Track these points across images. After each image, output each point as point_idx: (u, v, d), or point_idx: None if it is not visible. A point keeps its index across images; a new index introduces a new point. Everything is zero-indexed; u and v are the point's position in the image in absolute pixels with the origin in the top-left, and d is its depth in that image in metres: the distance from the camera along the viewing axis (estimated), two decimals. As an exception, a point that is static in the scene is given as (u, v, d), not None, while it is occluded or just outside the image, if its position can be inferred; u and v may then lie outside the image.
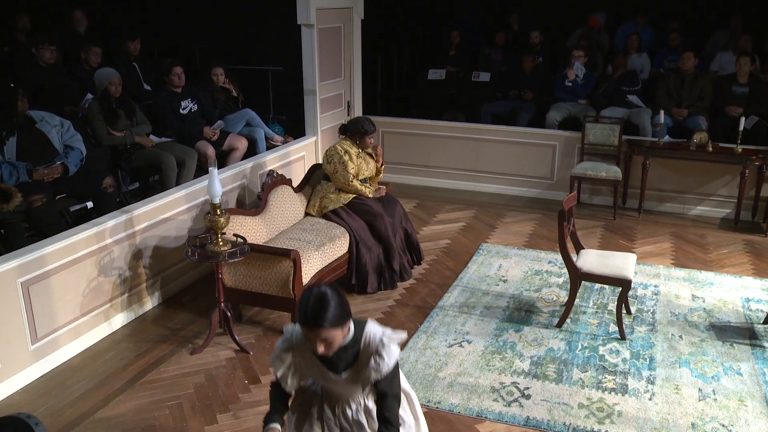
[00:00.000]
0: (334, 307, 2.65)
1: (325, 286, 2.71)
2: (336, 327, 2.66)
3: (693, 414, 4.14)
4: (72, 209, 5.86)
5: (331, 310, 2.63)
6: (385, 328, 2.90)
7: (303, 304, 2.65)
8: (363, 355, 2.83)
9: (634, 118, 8.19)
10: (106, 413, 4.19)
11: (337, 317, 2.65)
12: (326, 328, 2.63)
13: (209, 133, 7.08)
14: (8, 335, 4.38)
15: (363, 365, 2.83)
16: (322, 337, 2.64)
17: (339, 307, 2.67)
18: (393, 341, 2.86)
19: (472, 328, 5.17)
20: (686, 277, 6.09)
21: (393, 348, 2.84)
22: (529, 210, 8.01)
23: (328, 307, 2.63)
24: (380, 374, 2.80)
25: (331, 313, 2.63)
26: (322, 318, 2.61)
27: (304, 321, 2.65)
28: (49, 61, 6.91)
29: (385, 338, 2.83)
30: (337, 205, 5.87)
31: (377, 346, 2.81)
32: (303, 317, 2.65)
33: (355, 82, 8.44)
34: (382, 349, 2.81)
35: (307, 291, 2.70)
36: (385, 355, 2.80)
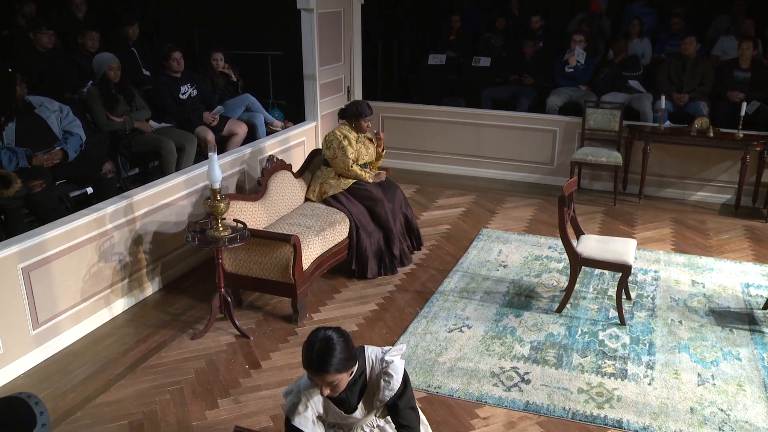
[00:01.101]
0: (340, 352, 2.67)
1: (332, 330, 2.73)
2: (342, 372, 2.70)
3: (692, 399, 4.15)
4: (72, 195, 5.86)
5: (337, 355, 2.66)
6: (384, 348, 2.95)
7: (309, 349, 2.68)
8: (371, 381, 2.89)
9: (635, 104, 8.17)
10: (107, 398, 4.21)
11: (343, 362, 2.69)
12: (332, 373, 2.67)
13: (209, 118, 7.06)
14: (9, 320, 4.39)
15: (374, 390, 2.89)
16: (327, 381, 2.69)
17: (345, 351, 2.70)
18: (395, 356, 2.90)
19: (472, 313, 5.18)
20: (686, 263, 6.09)
21: (397, 363, 2.88)
22: (529, 195, 8.00)
23: (334, 352, 2.66)
24: (393, 391, 2.85)
25: (337, 359, 2.66)
26: (327, 364, 2.65)
27: (309, 366, 2.68)
28: (47, 46, 6.88)
29: (387, 356, 2.88)
30: (337, 191, 5.87)
31: (381, 367, 2.86)
32: (308, 362, 2.68)
33: (355, 67, 8.40)
34: (387, 367, 2.86)
35: (313, 335, 2.72)
36: (392, 371, 2.85)
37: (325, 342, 2.67)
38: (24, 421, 1.26)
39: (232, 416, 4.01)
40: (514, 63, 9.28)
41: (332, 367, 2.66)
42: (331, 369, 2.66)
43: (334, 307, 5.34)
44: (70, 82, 6.91)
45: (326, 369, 2.65)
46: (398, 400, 2.89)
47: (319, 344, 2.67)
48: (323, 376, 2.68)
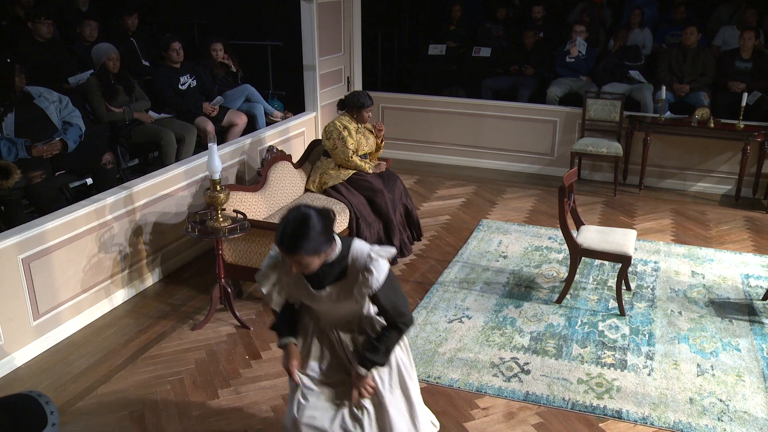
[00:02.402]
0: (316, 234, 2.54)
1: (311, 209, 2.58)
2: (313, 255, 2.57)
3: (691, 389, 4.16)
4: (71, 185, 5.86)
5: (311, 238, 2.53)
6: (373, 245, 2.84)
7: (282, 224, 2.54)
8: (351, 271, 2.76)
9: (636, 94, 8.16)
10: (108, 388, 4.22)
11: (317, 246, 2.56)
12: (301, 255, 2.54)
13: (208, 108, 7.04)
14: (10, 311, 4.39)
15: (352, 281, 2.76)
16: (297, 260, 2.56)
17: (321, 234, 2.56)
18: (381, 255, 2.79)
19: (472, 304, 5.19)
20: (686, 254, 6.09)
21: (382, 262, 2.76)
22: (529, 186, 8.00)
23: (309, 233, 2.53)
24: (371, 288, 2.73)
25: (311, 242, 2.53)
26: (298, 246, 2.52)
27: (280, 243, 2.55)
28: (46, 36, 6.85)
29: (372, 253, 2.76)
30: (337, 181, 5.86)
31: (365, 261, 2.74)
32: (279, 239, 2.55)
33: (355, 58, 8.38)
34: (370, 263, 2.73)
35: (291, 210, 2.58)
36: (373, 269, 2.72)
37: (300, 221, 2.53)
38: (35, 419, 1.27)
39: (232, 406, 4.02)
40: (515, 53, 9.26)
41: (303, 250, 2.53)
42: (301, 251, 2.53)
43: (334, 298, 5.34)
44: (68, 72, 6.89)
45: (296, 250, 2.53)
46: (386, 301, 2.79)
47: (293, 223, 2.54)
48: (293, 257, 2.56)
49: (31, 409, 1.29)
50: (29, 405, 1.30)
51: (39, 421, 1.27)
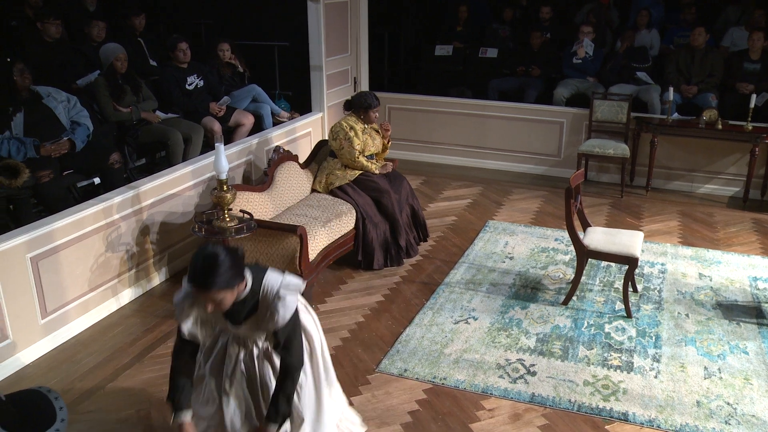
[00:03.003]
0: (225, 270, 2.62)
1: (219, 247, 2.67)
2: (225, 289, 2.64)
3: (698, 392, 4.15)
4: (79, 185, 5.88)
5: (221, 273, 2.60)
6: (285, 275, 2.89)
7: (192, 264, 2.62)
8: (261, 306, 2.84)
9: (643, 95, 8.14)
10: (115, 386, 4.24)
11: (227, 280, 2.63)
12: (214, 290, 2.61)
13: (215, 109, 7.06)
14: (19, 310, 4.41)
15: (262, 316, 2.85)
16: (211, 298, 2.64)
17: (230, 269, 2.63)
18: (290, 292, 2.85)
19: (478, 305, 5.18)
20: (693, 256, 6.07)
21: (289, 300, 2.83)
22: (535, 187, 7.99)
23: (218, 269, 2.60)
24: (277, 326, 2.82)
25: (221, 277, 2.60)
26: (210, 282, 2.59)
27: (192, 281, 2.62)
28: (55, 36, 6.87)
29: (281, 290, 2.83)
30: (344, 182, 5.87)
31: (273, 299, 2.81)
32: (191, 278, 2.62)
33: (361, 58, 8.38)
34: (278, 302, 2.81)
35: (200, 249, 2.66)
36: (280, 307, 2.80)
37: (209, 258, 2.61)
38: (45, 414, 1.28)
39: (238, 406, 4.03)
40: (522, 54, 9.24)
41: (215, 285, 2.60)
42: (213, 287, 2.60)
43: (340, 298, 5.35)
44: (76, 72, 6.91)
45: (208, 287, 2.61)
46: (281, 333, 2.86)
47: (202, 260, 2.61)
48: (207, 294, 2.63)
49: (42, 405, 1.31)
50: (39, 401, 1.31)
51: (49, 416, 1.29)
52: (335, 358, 4.54)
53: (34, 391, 1.33)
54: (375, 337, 4.80)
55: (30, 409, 1.27)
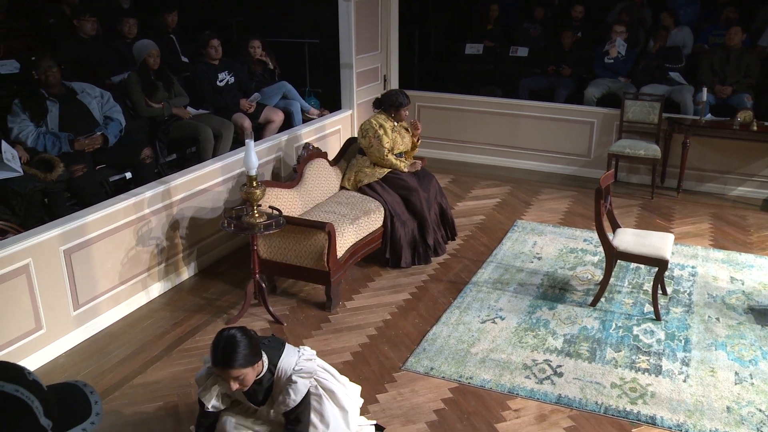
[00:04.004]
0: (244, 348, 2.92)
1: (235, 329, 2.98)
2: (246, 366, 2.94)
3: (728, 397, 4.09)
4: (111, 179, 5.96)
5: (241, 352, 2.91)
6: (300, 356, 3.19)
7: (214, 347, 2.94)
8: (276, 388, 3.16)
9: (676, 96, 8.03)
10: (144, 379, 4.29)
11: (247, 357, 2.94)
12: (236, 368, 2.91)
13: (246, 105, 7.11)
14: (52, 301, 4.49)
15: (275, 397, 3.16)
16: (233, 376, 2.93)
17: (248, 347, 2.94)
18: (302, 377, 3.14)
19: (505, 305, 5.16)
20: (725, 259, 5.98)
21: (301, 385, 3.13)
22: (565, 187, 7.93)
23: (237, 348, 2.91)
24: (287, 407, 3.13)
25: (241, 355, 2.91)
26: (232, 360, 2.90)
27: (215, 363, 2.94)
28: (90, 33, 6.98)
29: (294, 375, 3.13)
30: (372, 179, 5.88)
31: (285, 384, 3.13)
32: (214, 359, 2.94)
33: (391, 56, 8.39)
34: (289, 386, 3.12)
35: (218, 335, 2.97)
36: (292, 392, 3.11)
37: (228, 339, 2.92)
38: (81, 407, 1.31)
39: (265, 401, 4.06)
40: (553, 53, 9.18)
41: (236, 363, 2.90)
42: (235, 364, 2.90)
43: (368, 296, 5.37)
44: (110, 69, 7.01)
45: (231, 364, 2.90)
46: (290, 414, 3.15)
47: (223, 342, 2.92)
48: (229, 372, 2.91)
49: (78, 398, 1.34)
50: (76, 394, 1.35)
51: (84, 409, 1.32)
52: (361, 355, 4.56)
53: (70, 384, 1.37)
54: (402, 335, 4.81)
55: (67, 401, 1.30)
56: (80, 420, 1.29)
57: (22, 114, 5.46)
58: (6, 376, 1.20)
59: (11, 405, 1.17)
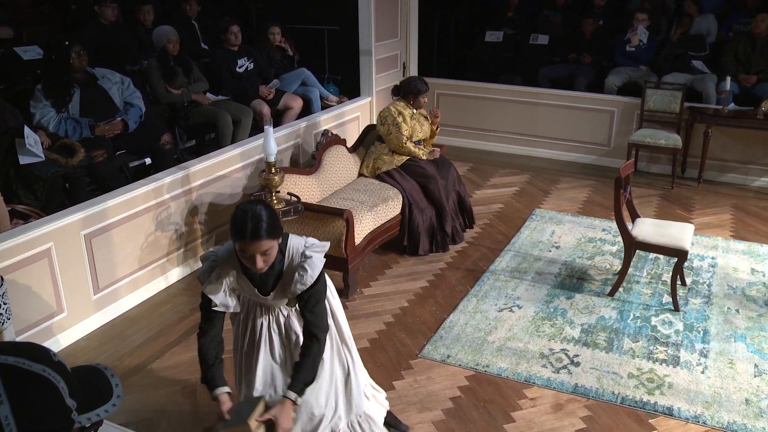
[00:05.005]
0: (271, 218, 2.66)
1: (254, 202, 2.72)
2: (273, 237, 2.67)
3: (747, 390, 4.06)
4: (131, 165, 6.00)
5: (267, 221, 2.64)
6: (307, 238, 2.92)
7: (239, 218, 2.64)
8: (288, 269, 2.85)
9: (698, 85, 7.93)
10: (162, 363, 4.34)
11: (274, 228, 2.67)
12: (266, 239, 2.63)
13: (265, 92, 7.12)
14: (73, 285, 4.55)
15: (288, 280, 2.85)
16: (262, 249, 2.64)
17: (273, 218, 2.68)
18: (316, 251, 2.86)
19: (522, 294, 5.16)
20: (746, 250, 5.93)
21: (315, 259, 2.84)
22: (584, 176, 7.88)
23: (264, 217, 2.63)
24: (305, 285, 2.82)
25: (268, 224, 2.64)
26: (260, 228, 2.61)
27: (242, 234, 2.62)
28: (111, 19, 7.02)
29: (307, 251, 2.84)
30: (391, 167, 5.87)
31: (300, 261, 2.83)
32: (240, 231, 2.63)
33: (411, 43, 8.36)
34: (305, 261, 2.82)
35: (238, 209, 2.69)
36: (308, 267, 2.81)
37: (254, 210, 2.64)
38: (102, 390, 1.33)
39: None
40: (573, 41, 9.09)
41: (265, 232, 2.62)
42: (264, 234, 2.62)
43: (385, 283, 5.38)
44: (130, 54, 7.05)
45: (260, 234, 2.61)
46: (307, 294, 2.85)
47: (249, 212, 2.63)
48: (258, 243, 2.63)
49: (100, 381, 1.36)
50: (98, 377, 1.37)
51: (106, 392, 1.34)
52: (378, 342, 4.57)
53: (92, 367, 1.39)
54: (419, 322, 4.82)
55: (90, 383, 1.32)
56: (102, 402, 1.31)
57: (44, 100, 5.50)
58: (33, 357, 1.22)
59: (39, 385, 1.19)
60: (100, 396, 1.32)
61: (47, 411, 1.19)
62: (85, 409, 1.27)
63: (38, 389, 1.19)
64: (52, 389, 1.20)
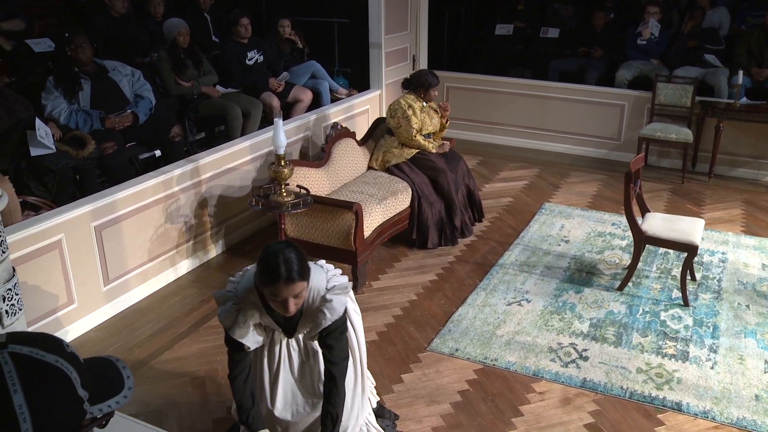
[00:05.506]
0: (300, 260, 2.59)
1: (281, 244, 2.65)
2: (305, 279, 2.61)
3: (757, 386, 4.05)
4: (141, 157, 6.01)
5: (299, 263, 2.58)
6: (328, 273, 2.88)
7: (271, 263, 2.56)
8: (307, 311, 2.81)
9: (710, 79, 7.87)
10: (171, 355, 4.36)
11: (305, 269, 2.61)
12: (299, 281, 2.57)
13: (274, 84, 7.12)
14: (83, 276, 4.57)
15: (308, 320, 2.83)
16: (295, 292, 2.58)
17: (303, 259, 2.62)
18: (336, 295, 2.81)
19: (531, 288, 5.15)
20: (757, 246, 5.89)
21: (336, 303, 2.79)
22: (594, 170, 7.85)
23: (295, 260, 2.57)
24: (326, 329, 2.80)
25: (300, 266, 2.58)
26: (294, 271, 2.55)
27: (277, 278, 2.54)
28: (121, 11, 7.02)
29: (328, 294, 2.80)
30: (400, 160, 5.87)
31: (320, 304, 2.79)
32: (275, 275, 2.55)
33: (421, 36, 8.34)
34: (325, 305, 2.78)
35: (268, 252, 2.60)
36: (327, 312, 2.77)
37: (284, 253, 2.56)
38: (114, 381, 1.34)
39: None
40: (584, 34, 9.05)
41: (298, 275, 2.55)
42: (297, 277, 2.55)
43: (394, 276, 5.38)
44: (141, 47, 7.06)
45: (293, 277, 2.54)
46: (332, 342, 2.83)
47: (281, 255, 2.55)
48: (292, 287, 2.55)
49: (111, 372, 1.37)
50: (110, 368, 1.37)
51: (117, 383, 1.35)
52: (387, 335, 4.58)
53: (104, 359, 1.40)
54: (427, 315, 4.82)
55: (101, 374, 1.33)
56: (114, 393, 1.32)
57: (55, 91, 5.52)
58: (47, 347, 1.23)
59: (51, 375, 1.20)
60: (111, 387, 1.33)
61: (60, 401, 1.20)
62: (96, 400, 1.28)
63: (51, 379, 1.20)
64: (64, 379, 1.21)
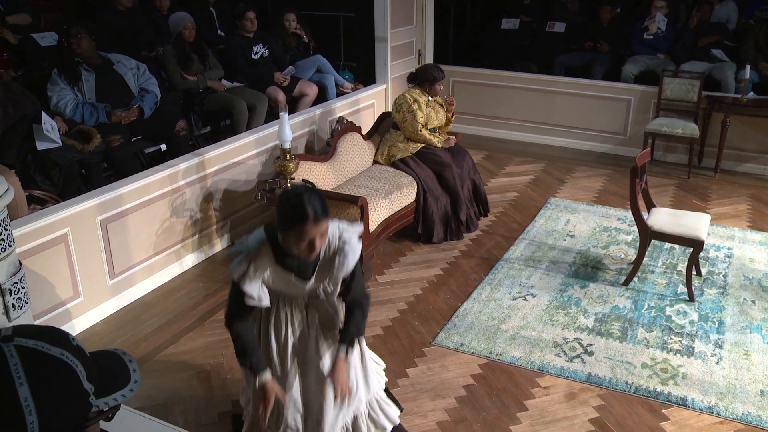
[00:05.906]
0: (322, 198, 2.61)
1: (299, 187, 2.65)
2: (329, 217, 2.62)
3: (763, 381, 4.04)
4: (146, 151, 6.03)
5: (322, 201, 2.59)
6: (340, 222, 2.87)
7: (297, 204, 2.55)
8: (325, 255, 2.79)
9: (717, 73, 7.83)
10: (176, 348, 4.37)
11: (328, 207, 2.63)
12: (326, 219, 2.58)
13: (280, 78, 7.12)
14: (89, 270, 4.58)
15: (327, 264, 2.79)
16: (322, 230, 2.59)
17: (324, 198, 2.63)
18: (351, 234, 2.81)
19: (536, 282, 5.15)
20: (763, 241, 5.88)
21: (354, 242, 2.79)
22: (599, 165, 7.83)
23: (319, 199, 2.58)
24: (347, 271, 2.79)
25: (323, 204, 2.59)
26: (322, 210, 2.56)
27: (305, 217, 2.53)
28: (127, 5, 7.03)
29: (345, 234, 2.79)
30: (406, 154, 5.86)
31: (338, 244, 2.78)
32: (303, 214, 2.53)
33: (426, 30, 8.32)
34: (344, 245, 2.77)
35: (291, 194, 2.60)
36: (348, 251, 2.76)
37: (307, 193, 2.57)
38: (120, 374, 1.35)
39: (296, 372, 4.11)
40: (590, 29, 9.02)
41: (324, 213, 2.56)
42: (323, 215, 2.56)
43: (399, 270, 5.38)
44: (146, 41, 7.06)
45: (320, 215, 2.55)
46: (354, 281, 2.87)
47: (305, 196, 2.56)
48: (320, 225, 2.56)
49: (117, 365, 1.37)
50: (116, 361, 1.38)
51: (123, 376, 1.35)
52: (392, 329, 4.58)
53: (110, 352, 1.40)
54: (432, 310, 4.83)
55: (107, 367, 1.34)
56: (120, 387, 1.32)
57: (60, 82, 5.53)
58: (52, 340, 1.23)
59: (57, 368, 1.20)
60: (117, 381, 1.33)
61: (65, 394, 1.20)
62: (102, 393, 1.28)
63: (57, 372, 1.20)
64: (70, 372, 1.21)
